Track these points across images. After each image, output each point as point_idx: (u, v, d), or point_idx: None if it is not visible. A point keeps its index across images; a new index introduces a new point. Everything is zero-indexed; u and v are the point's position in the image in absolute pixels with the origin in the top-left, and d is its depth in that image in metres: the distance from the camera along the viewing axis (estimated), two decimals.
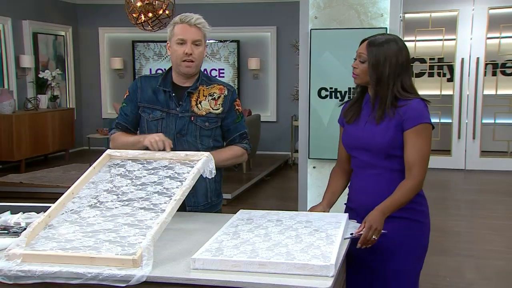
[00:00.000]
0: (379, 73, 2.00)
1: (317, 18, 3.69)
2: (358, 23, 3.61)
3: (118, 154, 2.04)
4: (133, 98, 2.33)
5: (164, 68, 9.68)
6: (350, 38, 3.59)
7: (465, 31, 7.94)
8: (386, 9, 3.57)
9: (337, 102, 3.64)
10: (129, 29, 9.45)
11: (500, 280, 3.74)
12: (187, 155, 1.99)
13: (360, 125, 2.10)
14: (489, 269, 3.94)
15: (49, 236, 1.64)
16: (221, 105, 2.29)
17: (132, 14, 7.08)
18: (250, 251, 1.53)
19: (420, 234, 2.07)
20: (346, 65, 3.60)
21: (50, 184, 6.70)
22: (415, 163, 1.96)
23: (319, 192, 3.84)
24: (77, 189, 1.85)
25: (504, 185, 7.18)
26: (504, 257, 4.24)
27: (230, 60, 9.52)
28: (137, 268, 1.46)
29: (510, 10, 7.97)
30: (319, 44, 3.65)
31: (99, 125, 9.42)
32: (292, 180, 7.90)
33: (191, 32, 2.19)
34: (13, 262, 1.50)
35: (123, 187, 1.86)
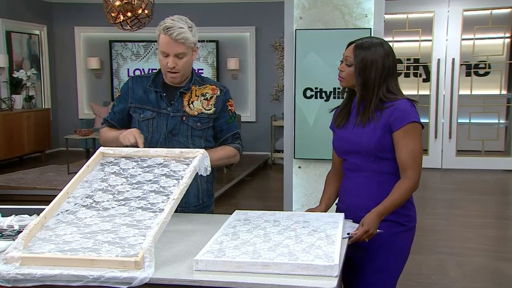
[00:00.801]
0: (365, 78, 2.00)
1: (302, 18, 3.70)
2: (343, 23, 3.64)
3: (111, 152, 2.00)
4: (124, 98, 2.31)
5: (143, 68, 9.68)
6: (335, 38, 3.62)
7: (441, 32, 8.08)
8: (370, 10, 3.61)
9: (322, 102, 3.67)
10: (106, 28, 9.33)
11: (481, 276, 3.81)
12: (182, 152, 1.96)
13: (348, 129, 2.10)
14: (470, 266, 4.01)
15: (46, 238, 1.61)
16: (213, 105, 2.27)
17: (111, 13, 6.99)
18: (252, 252, 1.53)
19: (404, 238, 2.07)
20: (331, 65, 3.64)
21: (27, 186, 6.58)
22: (408, 164, 1.96)
23: (304, 192, 3.86)
24: (72, 188, 1.82)
25: (479, 183, 7.34)
26: (483, 254, 4.33)
27: (209, 60, 9.49)
28: (139, 270, 1.44)
29: (483, 12, 8.15)
30: (304, 44, 3.66)
31: (75, 126, 9.28)
32: (272, 180, 7.93)
33: (172, 46, 2.11)
34: (12, 265, 1.47)
35: (118, 186, 1.83)
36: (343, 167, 2.18)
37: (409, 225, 2.07)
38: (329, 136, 3.68)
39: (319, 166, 3.80)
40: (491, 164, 8.10)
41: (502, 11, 8.38)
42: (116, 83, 9.86)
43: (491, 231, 5.13)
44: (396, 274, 2.08)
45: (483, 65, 8.45)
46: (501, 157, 8.27)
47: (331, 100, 3.66)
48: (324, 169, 3.87)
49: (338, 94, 3.65)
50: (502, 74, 8.37)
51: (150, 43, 9.58)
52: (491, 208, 6.14)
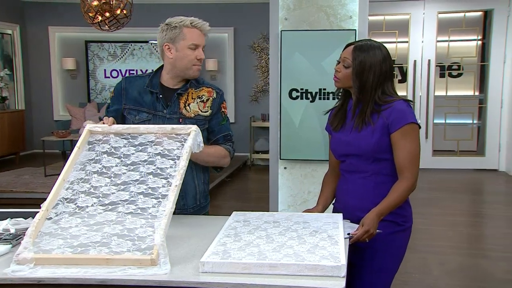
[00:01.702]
0: (362, 81, 2.00)
1: (287, 19, 3.71)
2: (328, 24, 3.66)
3: (100, 129, 1.94)
4: (118, 99, 2.28)
5: (120, 69, 9.57)
6: (320, 39, 3.65)
7: (417, 34, 8.22)
8: (354, 11, 3.64)
9: (308, 102, 3.69)
10: (81, 28, 9.20)
11: (463, 274, 3.88)
12: (174, 128, 1.92)
13: (346, 131, 2.11)
14: (452, 264, 4.08)
15: (52, 232, 1.58)
16: (209, 107, 2.27)
17: (88, 13, 6.89)
18: (257, 253, 1.52)
19: (401, 237, 2.10)
20: (317, 66, 3.67)
21: (3, 189, 6.42)
22: (406, 164, 1.97)
23: (290, 193, 3.87)
24: (67, 174, 1.76)
25: (455, 182, 7.49)
26: (464, 252, 4.41)
27: None
28: (156, 266, 1.43)
29: (457, 15, 8.31)
30: (289, 45, 3.68)
31: (51, 127, 9.13)
32: (251, 181, 7.94)
33: (202, 38, 2.21)
34: (26, 266, 1.44)
35: (113, 167, 1.78)
36: (340, 168, 2.19)
37: (405, 225, 2.09)
38: (314, 137, 3.74)
39: (305, 166, 3.82)
40: (466, 164, 8.27)
41: (475, 14, 8.58)
42: (93, 84, 9.73)
43: (469, 229, 5.23)
44: (392, 274, 2.10)
45: (456, 67, 8.63)
46: (475, 157, 8.45)
47: (316, 101, 3.68)
48: (310, 169, 3.90)
49: (324, 95, 3.67)
50: (475, 75, 8.55)
51: (127, 44, 9.49)
52: (467, 206, 6.28)
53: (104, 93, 9.75)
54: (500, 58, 8.07)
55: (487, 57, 8.31)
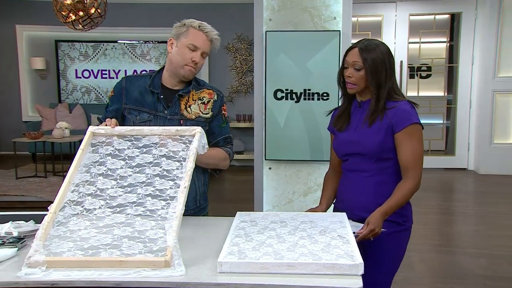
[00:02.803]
0: (378, 78, 2.02)
1: (271, 20, 3.73)
2: (312, 25, 3.70)
3: (102, 131, 1.93)
4: (118, 99, 2.25)
5: (92, 69, 9.39)
6: (305, 40, 3.68)
7: (389, 36, 8.36)
8: (338, 13, 3.69)
9: (293, 103, 3.71)
10: (51, 27, 9.01)
11: (445, 271, 3.97)
12: (178, 130, 1.91)
13: (350, 131, 2.13)
14: (433, 261, 4.17)
15: (61, 234, 1.54)
16: (210, 109, 2.27)
17: (61, 12, 6.75)
18: (272, 252, 1.52)
19: (402, 237, 2.13)
20: (301, 67, 3.70)
21: None
22: (410, 164, 2.01)
23: (275, 193, 3.89)
24: (73, 176, 1.73)
25: (426, 181, 7.58)
26: (442, 249, 4.51)
27: (161, 62, 9.34)
28: (170, 268, 1.42)
29: (428, 17, 8.50)
30: (274, 46, 3.69)
31: (19, 129, 8.92)
32: (229, 182, 7.93)
33: (206, 44, 2.16)
34: (38, 269, 1.40)
35: (118, 169, 1.76)
36: (342, 167, 2.21)
37: (406, 225, 2.12)
38: (299, 137, 3.76)
39: (290, 167, 3.84)
40: (436, 163, 8.45)
41: (444, 17, 8.79)
42: (64, 84, 9.53)
43: (444, 227, 5.35)
44: (393, 273, 2.14)
45: (425, 68, 8.82)
46: (445, 156, 8.66)
47: (301, 101, 3.71)
48: (295, 170, 3.92)
49: (309, 95, 3.70)
50: (444, 76, 8.76)
51: (100, 43, 9.33)
52: (439, 205, 6.42)
53: (76, 93, 9.56)
54: (468, 60, 8.29)
55: (455, 59, 8.52)
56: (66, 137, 7.06)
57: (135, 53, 9.40)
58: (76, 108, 9.13)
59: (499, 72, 7.84)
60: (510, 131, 7.99)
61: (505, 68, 7.84)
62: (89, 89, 9.57)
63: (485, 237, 4.87)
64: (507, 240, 4.78)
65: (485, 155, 8.04)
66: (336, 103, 3.68)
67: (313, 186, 3.84)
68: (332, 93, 3.67)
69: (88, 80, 9.54)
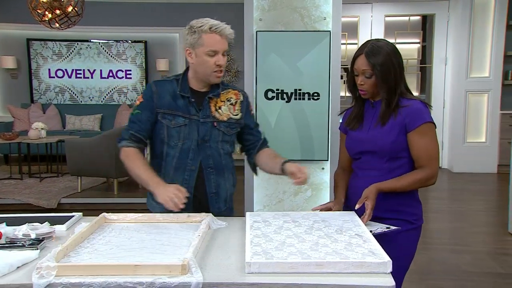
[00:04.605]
0: (389, 81, 2.03)
1: (261, 20, 3.73)
2: (302, 26, 3.71)
3: (115, 218, 1.96)
4: (149, 104, 2.18)
5: (65, 69, 9.20)
6: (295, 40, 3.69)
7: (365, 36, 8.45)
8: (328, 13, 3.71)
9: (283, 103, 3.72)
10: (22, 25, 8.80)
11: (432, 268, 4.04)
12: (189, 216, 1.97)
13: (364, 130, 2.14)
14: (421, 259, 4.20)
15: (79, 252, 1.52)
16: (239, 110, 2.27)
17: (37, 10, 6.60)
18: (297, 252, 1.51)
19: (412, 235, 2.14)
20: (292, 67, 3.71)
21: None
22: (425, 163, 2.02)
23: (265, 193, 3.88)
24: (71, 248, 1.63)
25: None
26: (426, 246, 4.58)
27: (137, 61, 9.24)
28: (186, 275, 1.39)
29: (402, 18, 8.66)
30: (265, 46, 3.69)
31: None
32: None
33: (222, 43, 2.11)
34: (47, 275, 1.35)
35: (126, 241, 1.74)
36: (354, 166, 2.21)
37: (417, 223, 2.13)
38: (290, 137, 3.77)
39: None
40: None
41: (418, 18, 8.97)
42: (36, 84, 9.30)
43: (427, 224, 5.43)
44: (404, 271, 2.15)
45: None
46: None
47: (292, 101, 3.72)
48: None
49: (299, 95, 3.72)
50: (417, 76, 8.94)
51: (73, 43, 9.15)
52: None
53: (49, 93, 9.35)
54: (441, 60, 8.48)
55: (428, 59, 8.70)
56: (43, 138, 6.90)
57: (111, 53, 9.26)
58: (50, 108, 8.93)
59: (471, 73, 8.04)
60: (482, 130, 8.20)
61: (477, 68, 8.04)
62: (63, 89, 9.37)
63: (467, 233, 4.98)
64: (488, 236, 4.91)
65: (458, 154, 8.23)
66: (327, 103, 3.71)
67: (303, 186, 3.86)
68: (322, 93, 3.69)
69: (62, 80, 9.34)
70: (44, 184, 6.66)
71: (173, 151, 2.19)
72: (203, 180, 2.20)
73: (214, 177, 2.22)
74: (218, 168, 2.23)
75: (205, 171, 2.20)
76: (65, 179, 6.93)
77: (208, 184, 2.21)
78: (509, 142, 7.68)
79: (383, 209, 2.05)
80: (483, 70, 8.04)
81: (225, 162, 2.26)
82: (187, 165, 2.18)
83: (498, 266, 4.03)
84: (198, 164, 2.19)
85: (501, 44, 7.88)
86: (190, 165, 2.18)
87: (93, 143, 5.97)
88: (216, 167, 2.22)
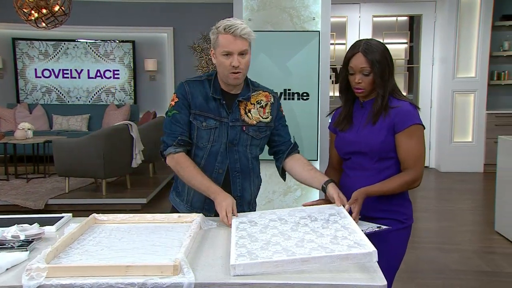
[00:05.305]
0: (384, 78, 2.05)
1: (251, 20, 3.73)
2: (291, 26, 3.72)
3: (105, 219, 1.94)
4: (185, 104, 2.15)
5: (52, 68, 9.12)
6: (285, 40, 3.70)
7: (353, 37, 8.50)
8: (317, 13, 3.72)
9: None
10: (8, 25, 8.72)
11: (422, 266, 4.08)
12: (180, 216, 1.96)
13: (353, 130, 2.14)
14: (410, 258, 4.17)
15: (70, 253, 1.51)
16: (269, 113, 2.24)
17: (22, 9, 6.54)
18: (282, 250, 1.51)
19: (402, 235, 2.15)
20: (281, 67, 3.71)
21: None
22: (412, 164, 2.04)
23: None
24: (61, 249, 1.61)
25: None
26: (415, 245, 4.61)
27: (125, 61, 9.19)
28: (178, 275, 1.39)
29: (390, 19, 8.71)
30: (254, 46, 3.67)
31: None
32: None
33: (236, 44, 2.05)
34: (37, 276, 1.34)
35: (116, 241, 1.73)
36: (344, 165, 2.22)
37: (407, 223, 2.15)
38: None
39: (270, 167, 3.81)
40: None
41: (405, 19, 9.03)
42: (22, 84, 9.21)
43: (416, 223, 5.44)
44: (394, 271, 2.16)
45: None
46: None
47: (281, 101, 3.71)
48: (274, 169, 3.88)
49: (289, 95, 3.72)
50: (405, 77, 9.00)
51: (60, 42, 9.08)
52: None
53: (36, 93, 9.27)
54: (429, 61, 8.54)
55: (415, 60, 8.76)
56: (29, 138, 6.83)
57: (98, 53, 9.20)
58: (37, 108, 8.85)
59: (458, 73, 8.11)
60: (469, 130, 8.27)
61: (464, 69, 8.12)
62: (50, 89, 9.30)
63: (455, 232, 5.03)
64: (475, 235, 4.96)
65: (445, 153, 8.30)
66: (316, 103, 3.72)
67: (293, 186, 3.86)
68: (312, 93, 3.70)
69: (49, 79, 9.26)
70: (31, 185, 6.59)
71: (202, 152, 2.16)
72: (229, 182, 2.18)
73: (240, 181, 2.20)
74: (244, 172, 2.21)
75: (231, 174, 2.18)
76: (52, 180, 6.87)
77: (234, 187, 2.19)
78: (495, 141, 7.75)
79: (375, 209, 2.07)
80: (470, 70, 8.12)
81: (252, 166, 2.24)
82: (214, 167, 2.16)
83: (484, 265, 4.08)
84: (225, 167, 2.17)
85: (486, 44, 7.97)
86: (218, 168, 2.16)
87: (81, 143, 5.93)
88: (242, 171, 2.20)
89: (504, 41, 8.16)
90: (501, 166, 4.87)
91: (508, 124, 8.05)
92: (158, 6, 8.93)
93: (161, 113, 8.88)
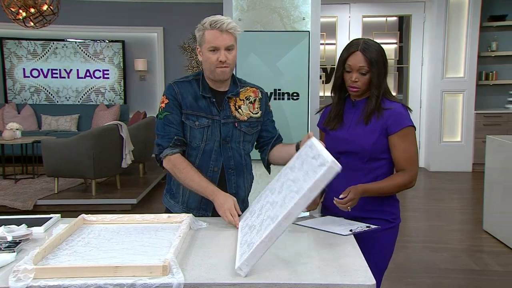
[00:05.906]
0: (380, 77, 2.06)
1: (241, 20, 3.73)
2: (281, 26, 3.72)
3: (94, 219, 1.92)
4: (176, 105, 2.14)
5: (41, 68, 9.05)
6: (275, 40, 3.70)
7: (343, 37, 8.53)
8: (307, 13, 3.73)
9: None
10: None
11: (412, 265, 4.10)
12: (170, 216, 1.95)
13: (344, 129, 2.15)
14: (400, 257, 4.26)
15: (58, 254, 1.49)
16: (259, 108, 2.25)
17: (10, 8, 6.49)
18: (270, 220, 1.51)
19: (390, 234, 2.16)
20: (271, 66, 3.72)
21: None
22: (405, 165, 2.05)
23: None
24: (49, 250, 1.60)
25: None
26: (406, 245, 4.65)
27: (115, 61, 9.14)
28: (167, 275, 1.38)
29: (380, 19, 8.75)
30: (244, 45, 3.69)
31: None
32: None
33: (223, 39, 2.05)
34: (25, 278, 1.32)
35: (105, 242, 1.72)
36: None
37: (395, 222, 2.16)
38: None
39: (260, 167, 3.80)
40: None
41: (395, 19, 9.07)
42: (10, 83, 9.13)
43: (405, 223, 5.48)
44: (382, 270, 2.17)
45: None
46: None
47: (272, 101, 3.72)
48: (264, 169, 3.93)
49: (279, 95, 3.73)
50: (395, 77, 9.04)
51: (49, 42, 9.01)
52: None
53: (24, 93, 9.19)
54: (418, 61, 8.59)
55: (405, 60, 8.81)
56: (18, 138, 6.78)
57: (88, 52, 9.15)
58: (25, 108, 8.78)
59: (447, 73, 8.17)
60: (458, 130, 8.33)
61: (452, 69, 8.17)
62: (39, 89, 9.23)
63: (444, 231, 5.06)
64: (464, 234, 4.99)
65: (435, 153, 8.35)
66: (306, 103, 3.73)
67: None
68: (302, 93, 3.71)
69: (38, 79, 9.19)
70: (19, 185, 6.54)
71: (196, 152, 2.16)
72: (224, 181, 2.18)
73: (235, 178, 2.21)
74: (238, 169, 2.21)
75: (226, 171, 2.18)
76: (41, 181, 6.82)
77: (229, 185, 2.19)
78: (483, 141, 7.80)
79: (363, 209, 2.07)
80: (458, 70, 8.18)
81: (245, 163, 2.25)
82: (209, 166, 2.16)
83: (473, 263, 4.11)
84: (220, 166, 2.17)
85: (475, 45, 8.03)
86: (212, 166, 2.16)
87: (70, 144, 5.89)
88: (236, 168, 2.20)
89: (492, 41, 8.23)
90: (489, 166, 4.91)
91: (496, 124, 8.12)
92: (148, 5, 8.90)
93: (151, 113, 8.84)
